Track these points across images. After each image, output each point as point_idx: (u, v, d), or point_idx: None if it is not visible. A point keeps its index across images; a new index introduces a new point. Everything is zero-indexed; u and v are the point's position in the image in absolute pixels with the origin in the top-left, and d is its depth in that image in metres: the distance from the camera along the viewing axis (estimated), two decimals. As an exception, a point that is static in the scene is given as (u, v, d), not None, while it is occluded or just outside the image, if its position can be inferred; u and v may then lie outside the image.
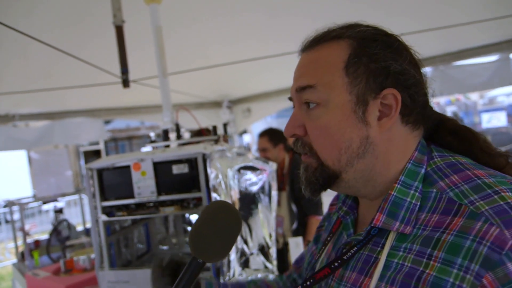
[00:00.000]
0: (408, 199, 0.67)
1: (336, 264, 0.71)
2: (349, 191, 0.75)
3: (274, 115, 11.64)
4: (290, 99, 0.76)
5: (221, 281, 1.62)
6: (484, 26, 2.71)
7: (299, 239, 2.15)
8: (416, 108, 0.70)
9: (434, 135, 0.76)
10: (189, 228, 2.31)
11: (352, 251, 0.70)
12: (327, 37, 0.72)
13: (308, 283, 0.73)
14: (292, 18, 2.81)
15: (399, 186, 0.68)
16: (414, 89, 0.69)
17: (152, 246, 2.26)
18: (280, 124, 12.46)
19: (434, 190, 0.66)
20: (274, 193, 2.06)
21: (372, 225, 0.68)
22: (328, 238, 0.85)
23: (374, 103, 0.68)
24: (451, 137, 0.74)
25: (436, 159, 0.70)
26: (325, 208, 3.27)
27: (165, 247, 2.32)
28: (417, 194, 0.67)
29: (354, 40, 0.69)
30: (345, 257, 0.71)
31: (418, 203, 0.66)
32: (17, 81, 3.29)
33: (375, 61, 0.68)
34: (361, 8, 2.59)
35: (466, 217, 0.59)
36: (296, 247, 2.08)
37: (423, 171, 0.69)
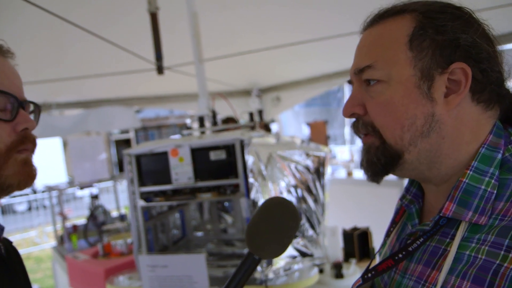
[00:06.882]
0: (483, 187, 0.62)
1: (400, 255, 0.67)
2: (413, 174, 0.70)
3: (302, 104, 11.50)
4: (350, 82, 0.72)
5: (259, 268, 1.62)
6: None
7: (336, 227, 2.11)
8: (489, 85, 0.64)
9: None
10: (225, 216, 2.32)
11: (418, 242, 0.66)
12: (390, 12, 0.68)
13: (369, 275, 0.70)
14: (323, 6, 2.75)
15: (471, 172, 0.63)
16: (487, 64, 0.63)
17: (187, 232, 2.28)
18: (308, 113, 12.30)
19: None
20: (324, 180, 2.03)
21: (441, 214, 0.64)
22: (391, 229, 0.82)
23: (441, 79, 0.64)
24: None
25: None
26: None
27: (200, 233, 2.34)
28: (493, 181, 0.62)
29: (420, 13, 0.65)
30: (410, 249, 0.66)
31: (495, 191, 0.61)
32: (54, 70, 3.38)
33: (443, 33, 0.63)
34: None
35: None
36: (333, 236, 2.05)
37: (499, 156, 0.63)
